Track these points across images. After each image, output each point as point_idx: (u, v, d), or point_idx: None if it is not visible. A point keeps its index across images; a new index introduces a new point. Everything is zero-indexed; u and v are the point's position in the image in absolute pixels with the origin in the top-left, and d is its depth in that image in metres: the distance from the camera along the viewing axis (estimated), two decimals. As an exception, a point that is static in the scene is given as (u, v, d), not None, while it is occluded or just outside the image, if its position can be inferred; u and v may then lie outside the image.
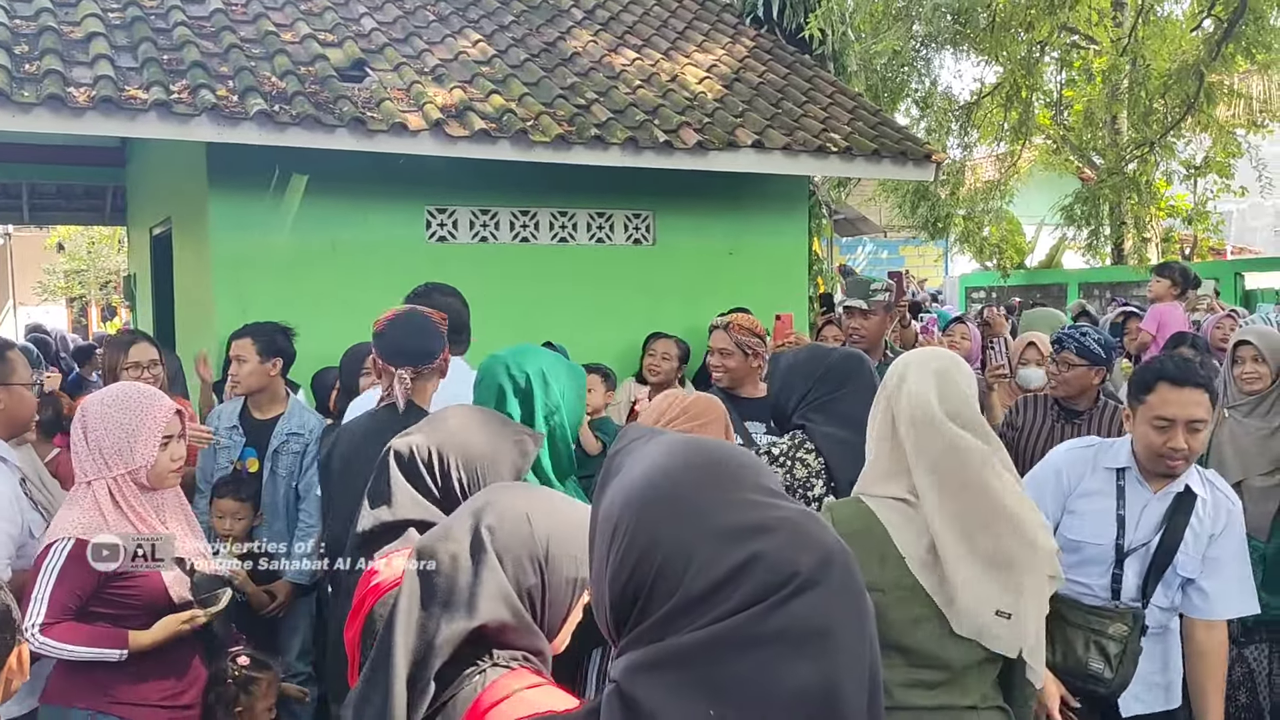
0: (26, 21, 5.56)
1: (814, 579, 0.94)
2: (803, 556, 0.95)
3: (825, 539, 0.98)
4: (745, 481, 1.02)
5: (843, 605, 0.95)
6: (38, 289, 24.23)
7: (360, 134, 5.44)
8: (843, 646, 0.93)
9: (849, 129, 7.09)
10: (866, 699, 0.94)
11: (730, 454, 1.07)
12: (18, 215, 10.99)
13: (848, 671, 0.93)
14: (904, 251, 21.97)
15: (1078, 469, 3.04)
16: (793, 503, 1.03)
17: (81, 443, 2.66)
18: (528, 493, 1.64)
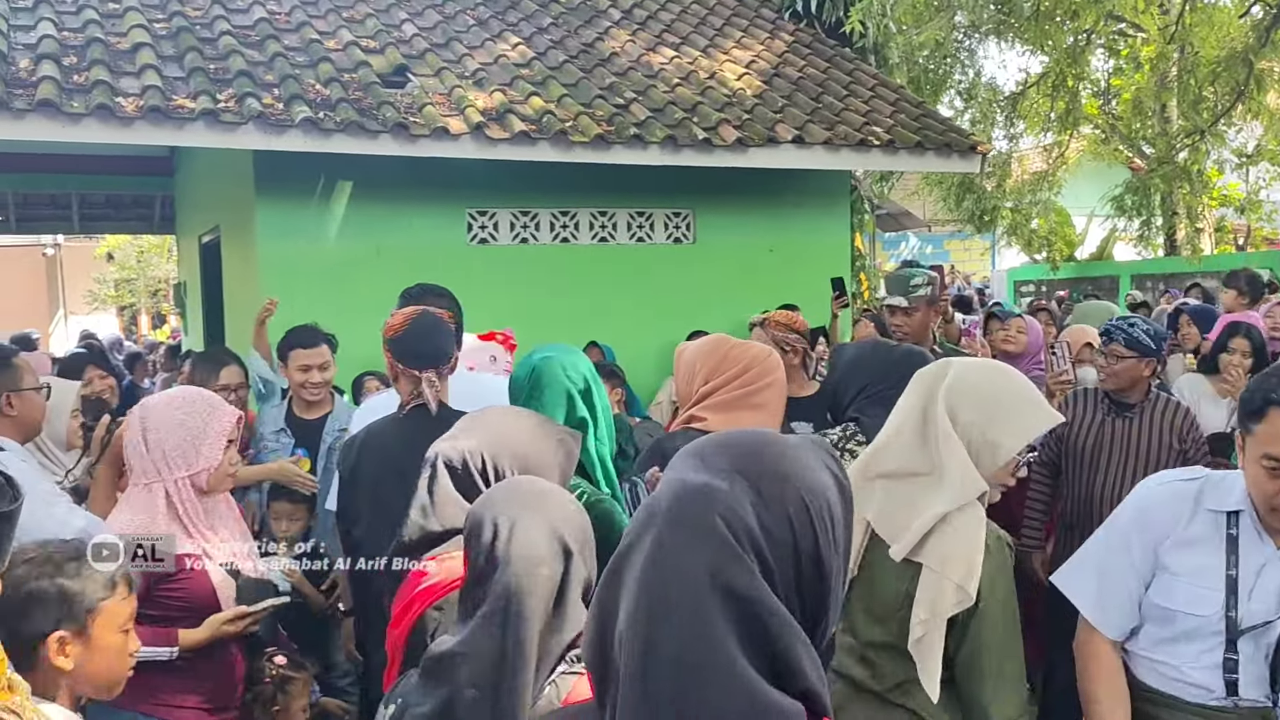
0: (74, 33, 5.67)
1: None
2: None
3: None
4: (703, 451, 1.10)
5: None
6: (88, 298, 24.69)
7: (403, 139, 5.49)
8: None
9: (891, 122, 7.03)
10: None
11: (733, 434, 1.13)
12: (68, 225, 11.22)
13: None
14: (949, 246, 21.73)
15: (1173, 509, 2.29)
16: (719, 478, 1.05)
17: (140, 444, 2.67)
18: (578, 506, 1.72)
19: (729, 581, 0.95)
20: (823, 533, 1.03)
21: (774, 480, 1.03)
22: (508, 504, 1.64)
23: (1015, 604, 2.13)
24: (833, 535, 1.05)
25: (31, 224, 11.19)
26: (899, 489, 2.19)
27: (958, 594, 2.06)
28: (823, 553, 1.03)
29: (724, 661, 0.93)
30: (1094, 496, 3.96)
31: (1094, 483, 3.97)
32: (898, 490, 2.19)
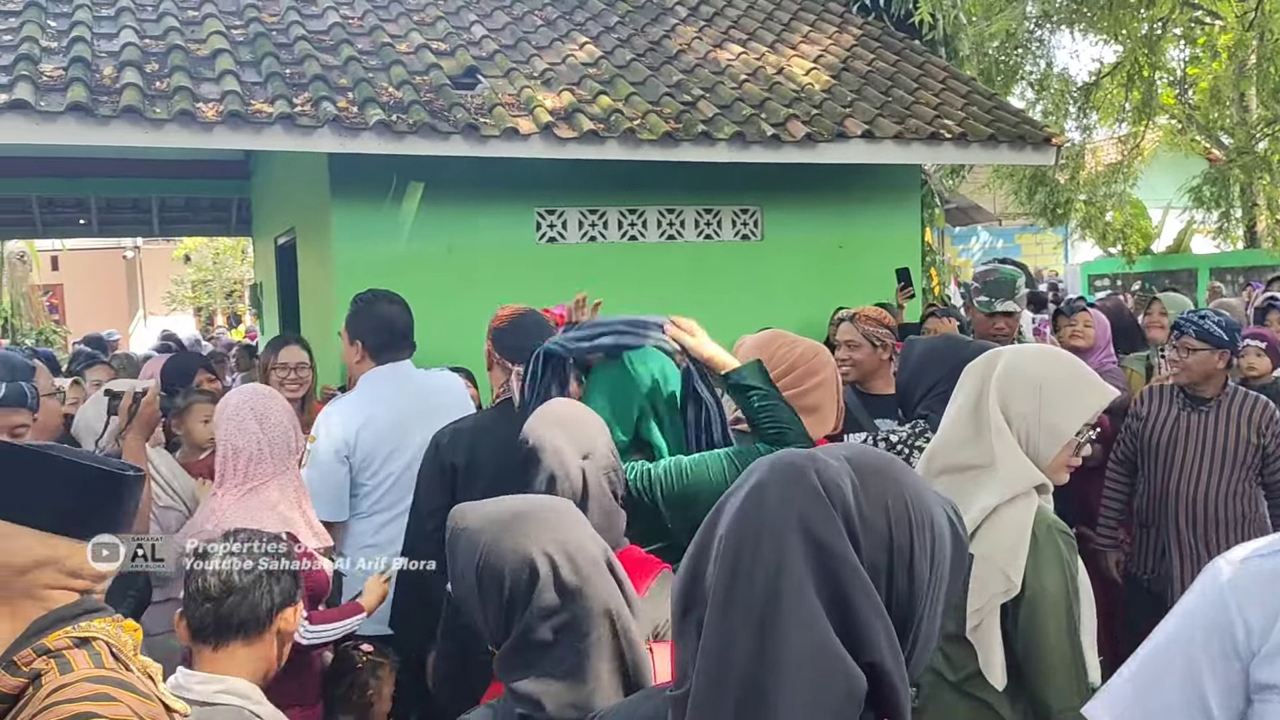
0: (155, 40, 5.82)
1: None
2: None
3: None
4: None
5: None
6: (166, 299, 25.38)
7: (473, 140, 5.55)
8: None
9: (963, 114, 6.93)
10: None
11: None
12: (148, 228, 11.53)
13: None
14: (1021, 240, 21.35)
15: (1264, 599, 1.42)
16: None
17: (260, 439, 2.76)
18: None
19: (814, 528, 0.95)
20: (919, 539, 1.01)
21: (881, 478, 1.02)
22: (541, 536, 1.65)
23: (1071, 595, 2.12)
24: (933, 554, 1.03)
25: (114, 227, 11.53)
26: (957, 483, 2.19)
27: (1003, 582, 2.07)
28: (916, 557, 1.00)
29: (804, 604, 0.93)
30: (1170, 493, 3.90)
31: (1169, 479, 3.90)
32: (956, 485, 2.19)
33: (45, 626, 1.32)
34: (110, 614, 1.38)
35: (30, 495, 1.34)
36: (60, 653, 1.29)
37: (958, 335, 3.64)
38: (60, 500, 1.35)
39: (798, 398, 2.92)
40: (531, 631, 1.54)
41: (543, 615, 1.53)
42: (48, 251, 21.13)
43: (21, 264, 17.93)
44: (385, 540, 3.41)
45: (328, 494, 3.29)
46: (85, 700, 1.20)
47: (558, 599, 1.53)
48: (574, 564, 1.56)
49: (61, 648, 1.29)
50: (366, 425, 3.39)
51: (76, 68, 5.21)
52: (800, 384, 2.95)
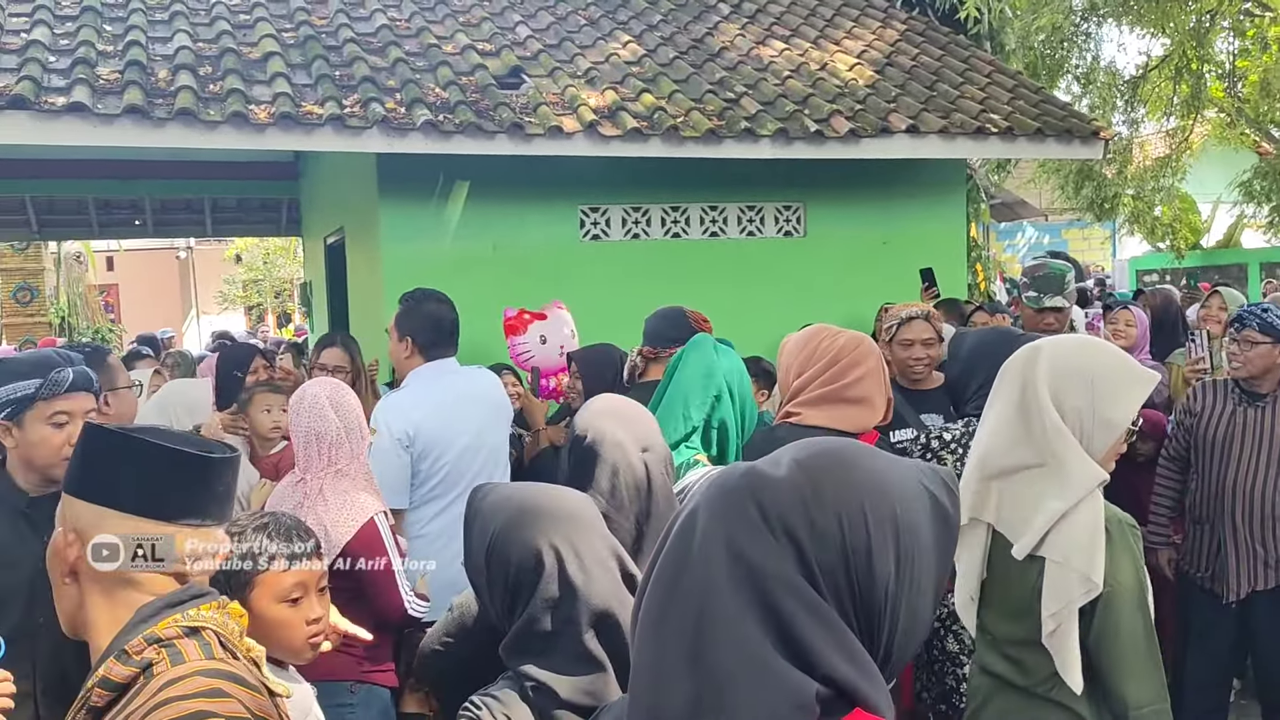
0: (208, 44, 5.95)
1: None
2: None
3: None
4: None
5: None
6: (218, 298, 25.80)
7: (519, 139, 5.61)
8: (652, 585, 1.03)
9: (1009, 109, 6.88)
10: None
11: (818, 443, 1.11)
12: (201, 228, 11.74)
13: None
14: (1067, 235, 21.09)
15: None
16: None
17: (338, 426, 2.85)
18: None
19: (744, 550, 0.96)
20: (878, 535, 0.99)
21: (833, 480, 1.00)
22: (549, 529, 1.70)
23: (1144, 585, 2.09)
24: (895, 544, 1.00)
25: (168, 227, 11.75)
26: (1014, 486, 2.15)
27: (1084, 584, 2.03)
28: (875, 554, 0.98)
29: (734, 625, 0.94)
30: (1224, 490, 3.85)
31: (1225, 476, 3.85)
32: (1013, 487, 2.15)
33: (153, 613, 1.32)
34: (216, 598, 1.39)
35: (116, 478, 1.36)
36: (171, 642, 1.28)
37: (1009, 328, 3.58)
38: (146, 483, 1.36)
39: (843, 390, 2.93)
40: (536, 621, 1.58)
41: (546, 606, 1.57)
42: (103, 252, 21.57)
43: (78, 264, 18.32)
44: (435, 531, 3.48)
45: (391, 482, 3.36)
46: (199, 697, 1.21)
47: (558, 593, 1.57)
48: (580, 561, 1.59)
49: (172, 637, 1.29)
50: (426, 417, 3.47)
51: (132, 71, 5.34)
52: (845, 376, 2.95)
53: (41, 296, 16.05)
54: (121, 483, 1.35)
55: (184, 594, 1.36)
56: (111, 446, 1.38)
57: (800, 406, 2.97)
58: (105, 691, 1.27)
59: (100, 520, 1.35)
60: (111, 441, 1.38)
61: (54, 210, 10.35)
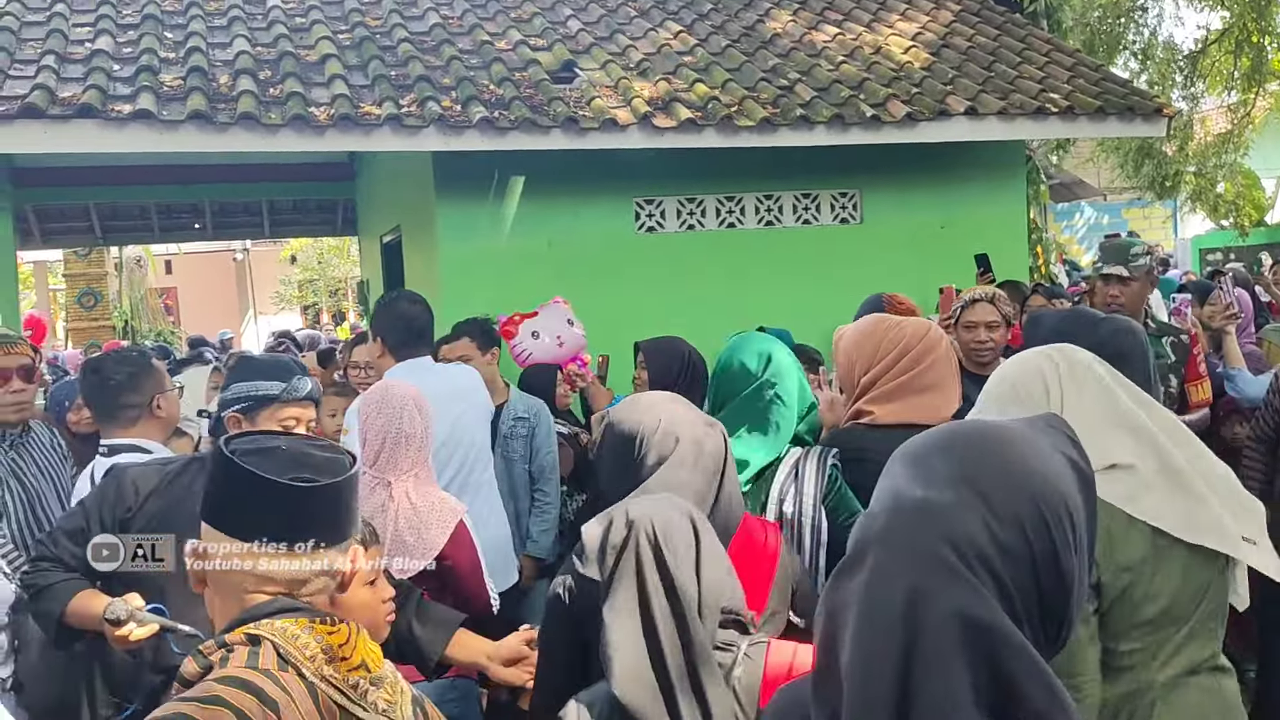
0: (266, 48, 6.02)
1: (855, 558, 1.03)
2: (863, 533, 1.03)
3: (892, 522, 1.01)
4: (927, 456, 1.06)
5: (867, 591, 1.02)
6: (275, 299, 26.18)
7: (573, 133, 5.61)
8: (854, 632, 0.98)
9: (1069, 88, 6.75)
10: (880, 696, 0.95)
11: (963, 431, 1.10)
12: (259, 230, 11.90)
13: (853, 658, 0.98)
14: (1127, 215, 20.67)
15: None
16: (941, 490, 1.01)
17: (425, 432, 2.89)
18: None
19: (957, 607, 0.91)
20: (1061, 538, 0.97)
21: (1005, 489, 0.97)
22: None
23: None
24: (1073, 538, 0.99)
25: (227, 230, 11.94)
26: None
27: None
28: (1062, 560, 0.97)
29: (943, 691, 0.90)
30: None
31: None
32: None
33: (238, 621, 1.38)
34: (308, 615, 1.42)
35: (227, 504, 1.44)
36: (232, 646, 1.34)
37: (1088, 310, 3.46)
38: (251, 511, 1.41)
39: (915, 379, 2.87)
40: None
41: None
42: (162, 255, 21.99)
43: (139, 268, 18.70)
44: None
45: None
46: (193, 702, 1.26)
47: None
48: (666, 535, 1.64)
49: (235, 642, 1.34)
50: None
51: (195, 77, 5.42)
52: (916, 364, 2.88)
53: (105, 301, 16.40)
54: (232, 510, 1.43)
55: (270, 606, 1.40)
56: (231, 477, 1.43)
57: (872, 404, 2.89)
58: (180, 686, 1.34)
59: (214, 541, 1.44)
60: (232, 472, 1.43)
61: (117, 216, 10.56)
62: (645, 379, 4.28)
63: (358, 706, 1.39)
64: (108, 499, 2.45)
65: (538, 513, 4.40)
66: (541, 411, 4.50)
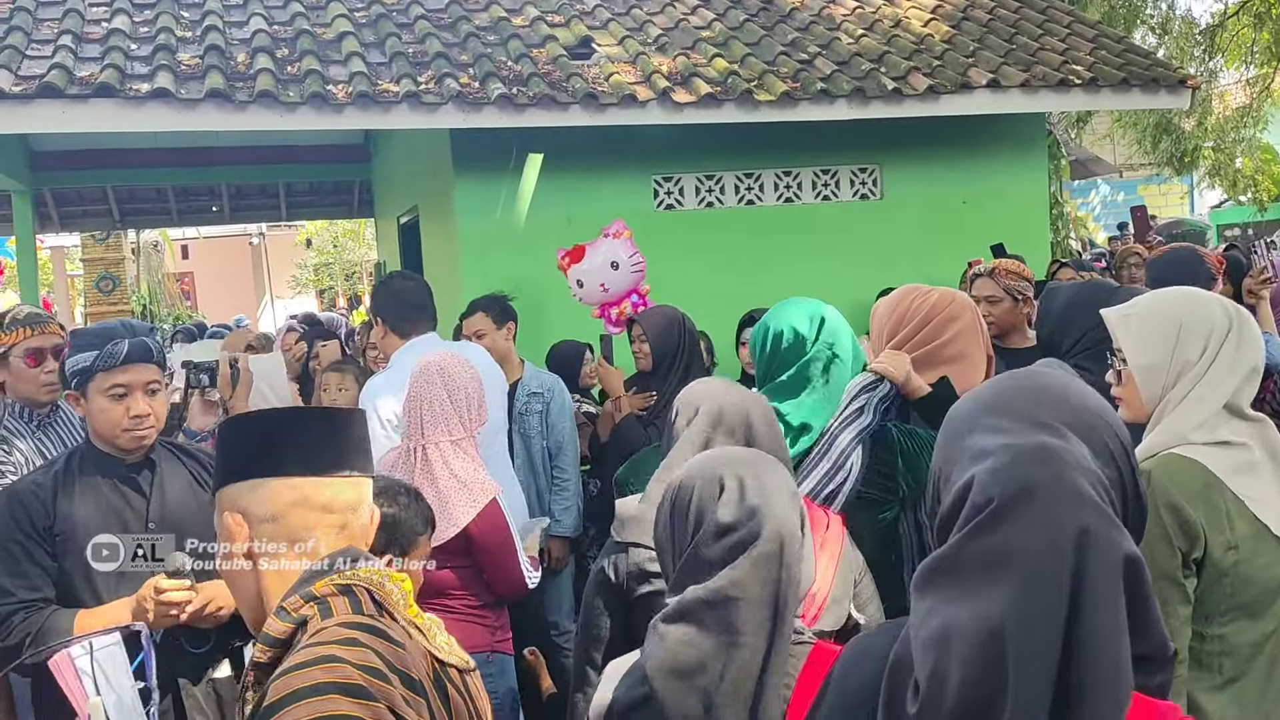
0: (283, 26, 6.00)
1: (1004, 510, 0.97)
2: (1002, 486, 0.98)
3: (1034, 472, 0.98)
4: (1024, 410, 1.06)
5: (1029, 541, 0.95)
6: (291, 282, 26.22)
7: (592, 109, 5.58)
8: (1018, 584, 0.94)
9: (1092, 59, 6.68)
10: (1047, 642, 0.92)
11: (1036, 381, 1.11)
12: (276, 212, 11.91)
13: (1019, 609, 0.93)
14: (1144, 191, 20.53)
15: None
16: (1050, 434, 1.03)
17: (446, 402, 2.87)
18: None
19: (1118, 543, 0.95)
20: (1134, 460, 1.04)
21: (1090, 426, 1.03)
22: (735, 464, 1.64)
23: None
24: (1133, 460, 1.06)
25: (244, 212, 11.95)
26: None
27: None
28: (1141, 486, 1.05)
29: (1110, 625, 0.93)
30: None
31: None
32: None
33: (313, 576, 1.36)
34: (378, 562, 1.42)
35: (263, 450, 1.42)
36: (324, 599, 1.32)
37: (1103, 280, 3.43)
38: (290, 444, 1.42)
39: (940, 349, 2.83)
40: (703, 548, 1.53)
41: (717, 533, 1.53)
42: (179, 240, 22.04)
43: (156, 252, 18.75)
44: None
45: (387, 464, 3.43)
46: (333, 644, 1.23)
47: (735, 515, 1.53)
48: (760, 485, 1.56)
49: (325, 594, 1.32)
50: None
51: (212, 55, 5.40)
52: (940, 334, 2.84)
53: (123, 285, 16.45)
54: (270, 452, 1.42)
55: (347, 554, 1.39)
56: (249, 427, 1.50)
57: None
58: (266, 648, 1.31)
59: (257, 490, 1.41)
60: (248, 423, 1.51)
61: (134, 199, 10.58)
62: (646, 351, 4.26)
63: (440, 651, 1.40)
64: (20, 521, 2.31)
65: (557, 490, 4.37)
66: (556, 386, 4.46)
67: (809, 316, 2.63)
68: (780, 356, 2.63)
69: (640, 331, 4.38)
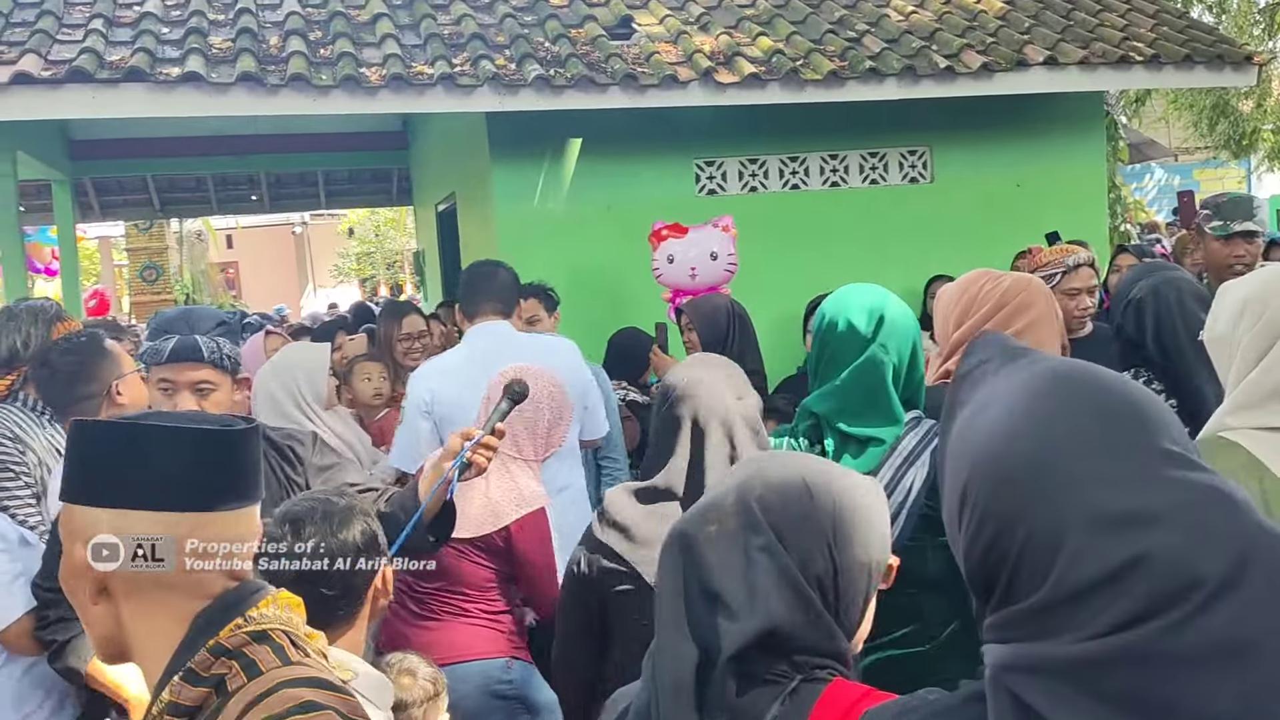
0: (317, 9, 5.88)
1: (1225, 587, 0.76)
2: (1206, 559, 0.77)
3: (1236, 529, 0.78)
4: (1136, 441, 0.82)
5: (1267, 614, 0.76)
6: (333, 272, 26.39)
7: (632, 90, 5.41)
8: (1271, 663, 0.75)
9: (1154, 35, 6.39)
10: None
11: (1119, 397, 0.86)
12: (315, 201, 11.89)
13: (1259, 697, 0.75)
14: (1200, 175, 20.00)
15: None
16: (1200, 470, 0.82)
17: (517, 421, 2.75)
18: (798, 459, 1.38)
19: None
20: None
21: (1180, 427, 0.88)
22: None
23: None
24: None
25: (283, 202, 11.92)
26: None
27: None
28: None
29: None
30: None
31: None
32: None
33: (211, 620, 1.15)
34: (269, 592, 1.21)
35: (133, 473, 1.16)
36: (240, 651, 1.13)
37: (1163, 263, 3.22)
38: (170, 472, 1.16)
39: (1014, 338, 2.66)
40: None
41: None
42: (223, 230, 22.21)
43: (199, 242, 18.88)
44: None
45: (402, 445, 3.34)
46: (293, 715, 1.06)
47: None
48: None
49: (240, 645, 1.13)
50: (445, 382, 3.35)
51: (244, 38, 5.30)
52: (1013, 321, 2.65)
53: (166, 275, 16.58)
54: (141, 478, 1.16)
55: (241, 592, 1.19)
56: (118, 440, 1.18)
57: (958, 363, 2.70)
58: (174, 718, 1.12)
59: (123, 524, 1.15)
60: (117, 435, 1.19)
61: (174, 188, 10.59)
62: (696, 340, 4.17)
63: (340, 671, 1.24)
64: None
65: (607, 482, 4.24)
66: (598, 375, 4.34)
67: (868, 311, 2.34)
68: (830, 349, 2.38)
69: (689, 320, 4.27)
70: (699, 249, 5.05)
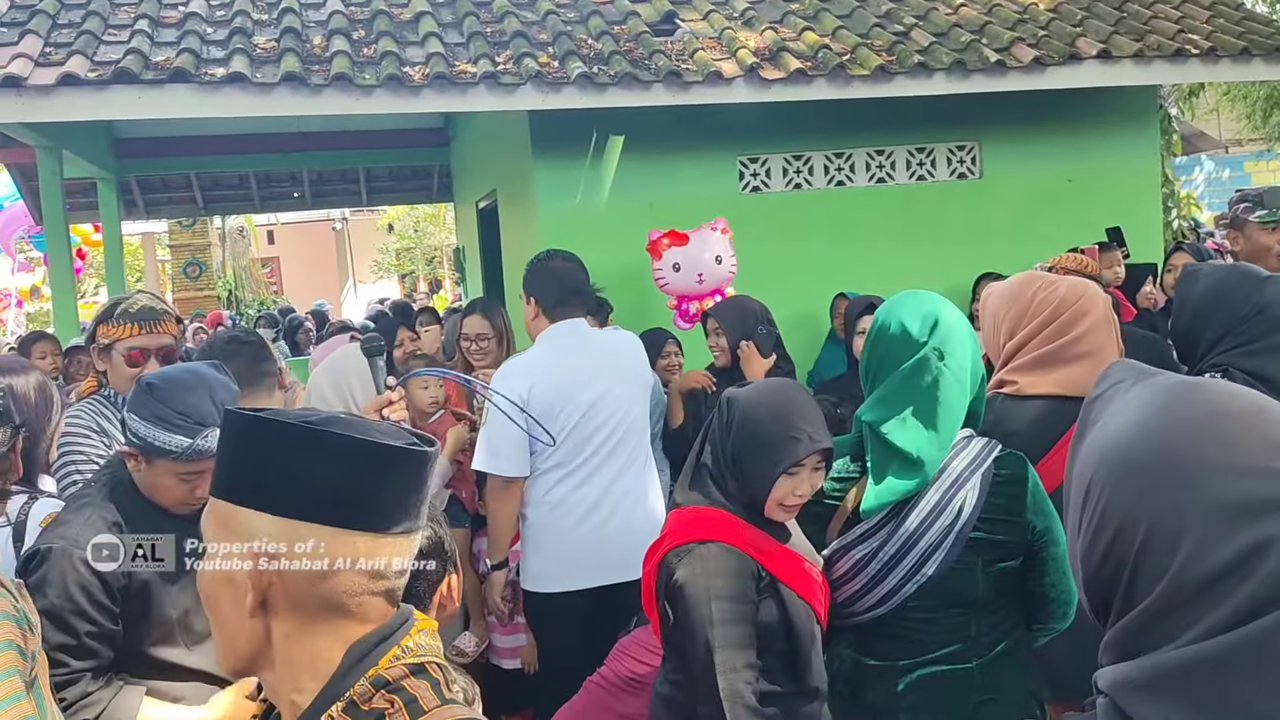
0: (360, 8, 5.87)
1: None
2: None
3: None
4: (1252, 434, 0.83)
5: None
6: (373, 268, 26.54)
7: (675, 88, 5.34)
8: None
9: (1209, 28, 6.22)
10: None
11: (1236, 397, 0.87)
12: (357, 198, 11.93)
13: None
14: (1251, 168, 19.59)
15: None
16: None
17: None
18: None
19: None
20: None
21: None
22: None
23: None
24: None
25: (325, 198, 11.97)
26: None
27: None
28: None
29: None
30: None
31: None
32: None
33: (370, 649, 1.08)
34: (416, 618, 1.15)
35: (312, 484, 1.07)
36: (400, 685, 1.07)
37: (1250, 267, 3.08)
38: (354, 489, 1.07)
39: (1069, 346, 2.55)
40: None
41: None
42: (264, 226, 22.40)
43: (241, 239, 19.04)
44: (557, 498, 3.35)
45: (507, 450, 3.28)
46: None
47: None
48: None
49: (399, 678, 1.07)
50: (540, 381, 3.32)
51: (288, 38, 5.29)
52: (1070, 330, 2.56)
53: (209, 271, 16.73)
54: (322, 491, 1.07)
55: (397, 621, 1.12)
56: (301, 445, 1.07)
57: (1016, 373, 2.57)
58: None
59: (291, 535, 1.06)
60: (300, 439, 1.07)
61: (217, 186, 10.67)
62: (724, 346, 4.14)
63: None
64: (87, 582, 2.05)
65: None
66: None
67: (922, 315, 2.21)
68: (880, 353, 2.26)
69: (715, 325, 4.21)
70: (705, 254, 5.07)
